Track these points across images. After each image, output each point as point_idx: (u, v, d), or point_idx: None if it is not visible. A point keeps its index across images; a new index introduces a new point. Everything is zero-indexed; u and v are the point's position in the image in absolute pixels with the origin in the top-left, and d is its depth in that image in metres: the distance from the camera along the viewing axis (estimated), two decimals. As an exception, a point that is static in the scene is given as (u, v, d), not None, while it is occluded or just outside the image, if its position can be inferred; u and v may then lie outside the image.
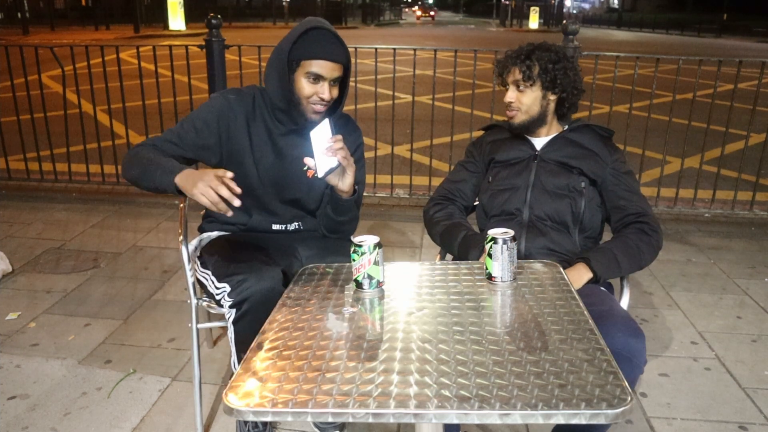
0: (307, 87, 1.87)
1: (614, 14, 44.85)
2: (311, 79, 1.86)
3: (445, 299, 1.51)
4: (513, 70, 2.02)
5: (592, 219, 2.03)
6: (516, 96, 2.02)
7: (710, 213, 4.24)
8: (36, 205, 4.43)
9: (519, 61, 2.00)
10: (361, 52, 4.10)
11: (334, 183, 1.85)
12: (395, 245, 3.78)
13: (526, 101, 2.01)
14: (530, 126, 2.05)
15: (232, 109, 1.97)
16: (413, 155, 4.86)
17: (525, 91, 2.01)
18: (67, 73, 4.48)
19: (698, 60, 4.04)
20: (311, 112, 1.91)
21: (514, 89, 2.03)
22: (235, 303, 1.76)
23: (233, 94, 2.00)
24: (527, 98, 2.01)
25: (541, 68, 1.99)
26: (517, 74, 2.00)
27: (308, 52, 1.84)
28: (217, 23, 4.10)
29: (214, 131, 1.95)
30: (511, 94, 2.03)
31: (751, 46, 22.76)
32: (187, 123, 1.96)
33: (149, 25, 25.39)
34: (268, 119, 1.99)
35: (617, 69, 4.15)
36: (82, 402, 2.28)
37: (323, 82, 1.87)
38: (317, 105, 1.90)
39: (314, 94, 1.88)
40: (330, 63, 1.85)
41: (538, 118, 2.04)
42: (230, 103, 1.97)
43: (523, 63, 1.99)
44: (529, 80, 1.99)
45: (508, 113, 2.07)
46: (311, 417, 1.13)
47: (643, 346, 1.63)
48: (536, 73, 1.99)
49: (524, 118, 2.04)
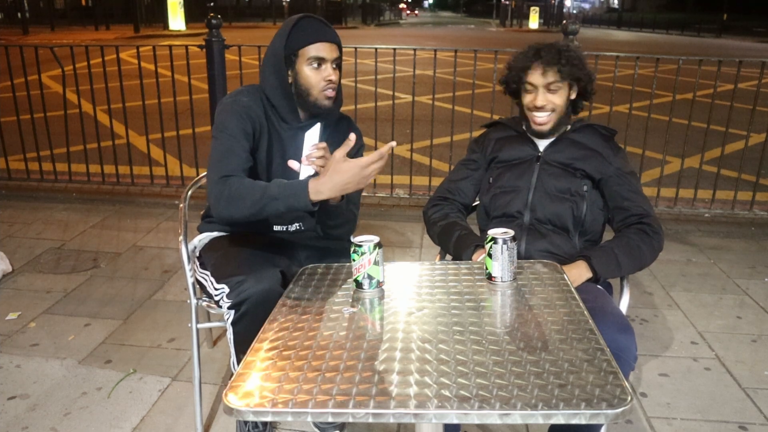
0: (313, 75, 1.87)
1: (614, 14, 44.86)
2: (314, 65, 1.86)
3: (445, 299, 1.51)
4: (546, 71, 1.95)
5: (594, 222, 2.02)
6: (547, 98, 1.97)
7: (710, 213, 4.24)
8: (36, 205, 4.43)
9: (554, 62, 1.94)
10: (361, 52, 4.10)
11: None
12: (395, 245, 3.78)
13: (558, 102, 1.98)
14: (558, 127, 2.02)
15: (253, 110, 1.92)
16: (413, 155, 4.86)
17: (556, 91, 1.97)
18: (67, 73, 4.48)
19: (698, 60, 4.04)
20: (324, 99, 1.89)
21: (544, 92, 1.96)
22: (233, 304, 1.76)
23: (245, 96, 1.94)
24: (559, 99, 1.98)
25: (571, 65, 1.96)
26: (552, 76, 1.94)
27: (303, 39, 1.85)
28: (217, 23, 4.10)
29: (250, 136, 1.89)
30: (542, 97, 1.97)
31: (751, 46, 22.75)
32: (233, 137, 1.85)
33: (149, 25, 25.38)
34: (274, 119, 1.98)
35: (617, 69, 4.15)
36: (82, 402, 2.28)
37: (326, 64, 1.87)
38: (327, 90, 1.89)
39: (321, 80, 1.87)
40: (328, 44, 1.86)
41: (564, 117, 2.02)
42: (249, 105, 1.92)
43: (558, 63, 1.94)
44: (567, 79, 1.95)
45: (539, 119, 1.99)
46: (311, 417, 1.13)
47: (632, 342, 1.63)
48: (566, 73, 1.95)
49: (555, 120, 2.00)
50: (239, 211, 1.72)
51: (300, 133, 1.98)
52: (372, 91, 4.43)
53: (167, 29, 23.00)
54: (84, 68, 4.43)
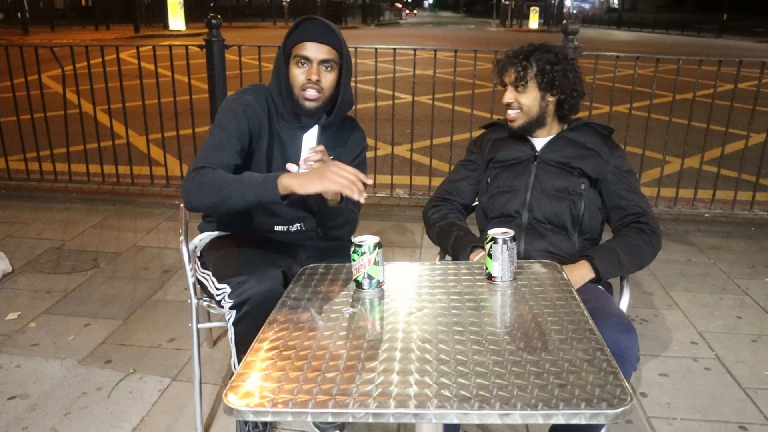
0: (298, 74, 1.87)
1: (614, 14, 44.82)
2: (299, 64, 1.87)
3: (445, 299, 1.51)
4: (509, 70, 2.00)
5: (592, 221, 2.02)
6: (514, 96, 2.01)
7: (710, 213, 4.24)
8: (36, 205, 4.43)
9: (516, 62, 1.99)
10: (361, 52, 4.10)
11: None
12: (395, 245, 3.78)
13: (525, 102, 2.00)
14: (530, 128, 2.04)
15: (255, 111, 1.92)
16: (413, 155, 4.86)
17: (522, 92, 1.99)
18: (67, 73, 4.48)
19: (698, 60, 4.04)
20: (303, 99, 1.89)
21: (512, 90, 2.02)
22: (235, 304, 1.76)
23: (249, 95, 1.95)
24: (526, 99, 2.00)
25: (538, 69, 1.97)
26: (513, 74, 1.99)
27: (296, 39, 1.86)
28: (217, 23, 4.10)
29: (245, 135, 1.89)
30: (509, 94, 2.02)
31: (751, 46, 22.74)
32: (224, 135, 1.86)
33: (149, 25, 25.36)
34: (276, 119, 1.98)
35: (617, 69, 4.15)
36: (82, 402, 2.28)
37: (310, 64, 1.86)
38: (307, 91, 1.87)
39: (303, 79, 1.86)
40: (314, 44, 1.84)
41: (537, 120, 2.03)
42: (251, 104, 1.93)
43: (519, 64, 1.98)
44: (522, 81, 1.97)
45: (509, 115, 2.05)
46: (311, 417, 1.13)
47: (634, 343, 1.63)
48: (533, 74, 1.97)
49: (524, 120, 2.02)
50: (205, 198, 1.72)
51: (299, 134, 1.98)
52: (372, 91, 4.43)
53: (167, 29, 23.00)
54: (84, 68, 4.43)
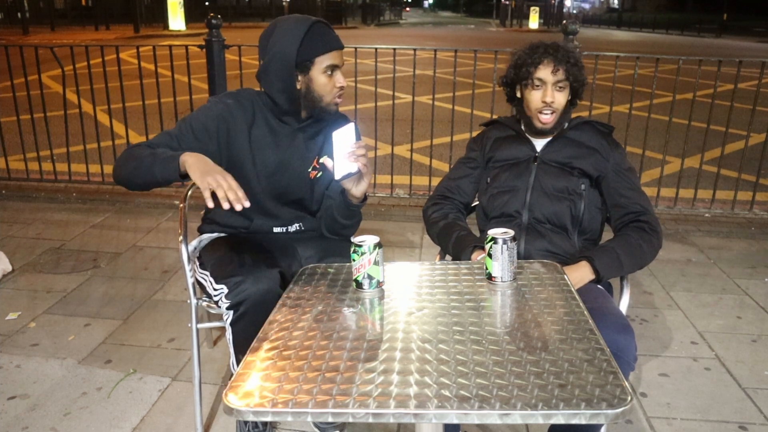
0: (327, 82, 1.90)
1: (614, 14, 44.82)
2: (329, 73, 1.89)
3: (445, 299, 1.51)
4: (557, 69, 1.93)
5: (592, 221, 2.02)
6: (556, 96, 1.97)
7: (710, 213, 4.24)
8: (36, 205, 4.43)
9: (564, 61, 1.94)
10: (361, 52, 4.10)
11: (348, 187, 1.85)
12: (395, 245, 3.77)
13: (562, 101, 1.98)
14: (556, 127, 2.02)
15: (231, 114, 1.93)
16: (413, 155, 4.86)
17: (562, 90, 1.97)
18: (67, 73, 4.48)
19: (698, 60, 4.04)
20: (333, 105, 1.95)
21: (553, 90, 1.96)
22: (232, 305, 1.76)
23: (231, 98, 1.97)
24: (563, 98, 1.98)
25: (577, 67, 1.96)
26: (561, 74, 1.94)
27: (320, 48, 1.87)
28: (217, 23, 4.10)
29: (213, 137, 1.91)
30: (551, 93, 1.96)
31: (751, 46, 22.73)
32: (185, 126, 1.91)
33: (149, 25, 25.34)
34: (272, 121, 1.98)
35: (617, 69, 4.15)
36: (82, 402, 2.28)
37: (338, 71, 1.91)
38: (337, 97, 1.94)
39: (334, 87, 1.91)
40: (340, 52, 1.91)
41: (563, 118, 2.02)
42: (229, 108, 1.94)
43: (567, 62, 1.94)
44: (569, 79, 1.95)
45: (546, 117, 1.98)
46: (311, 417, 1.13)
47: (632, 342, 1.63)
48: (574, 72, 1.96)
49: (555, 120, 2.00)
50: (123, 170, 1.81)
51: (298, 134, 1.99)
52: (372, 91, 4.42)
53: (167, 29, 22.99)
54: (84, 68, 4.43)
